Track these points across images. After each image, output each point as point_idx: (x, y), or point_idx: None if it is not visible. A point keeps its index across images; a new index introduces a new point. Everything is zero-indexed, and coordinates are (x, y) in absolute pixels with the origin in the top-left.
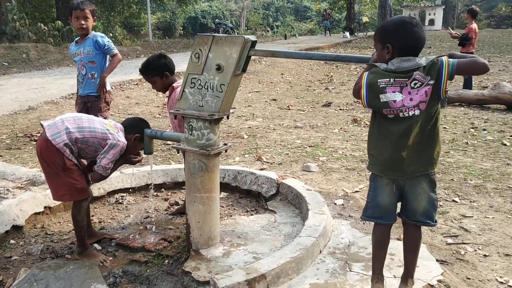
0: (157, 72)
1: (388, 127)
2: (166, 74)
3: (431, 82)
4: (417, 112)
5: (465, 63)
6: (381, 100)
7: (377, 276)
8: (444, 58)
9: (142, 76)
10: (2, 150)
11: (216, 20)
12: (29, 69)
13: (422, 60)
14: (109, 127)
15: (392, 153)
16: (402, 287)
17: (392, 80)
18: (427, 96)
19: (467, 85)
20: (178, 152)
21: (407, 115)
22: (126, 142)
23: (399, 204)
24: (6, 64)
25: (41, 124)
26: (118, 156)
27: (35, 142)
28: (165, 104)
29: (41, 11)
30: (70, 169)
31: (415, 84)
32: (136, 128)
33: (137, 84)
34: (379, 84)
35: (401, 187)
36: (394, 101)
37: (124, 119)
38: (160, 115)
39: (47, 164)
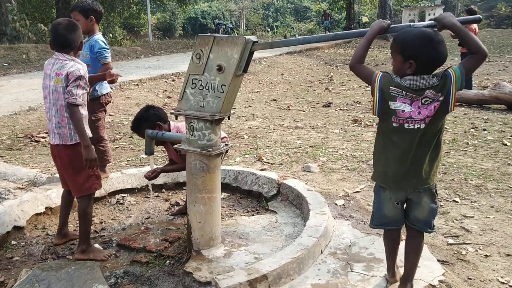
0: (148, 124)
1: (392, 139)
2: (158, 125)
3: (441, 98)
4: (422, 126)
5: (469, 64)
6: (390, 107)
7: (392, 271)
8: (451, 72)
9: (136, 134)
10: (3, 150)
11: (216, 20)
12: (29, 69)
13: (435, 79)
14: (56, 81)
15: (396, 166)
16: None
17: (404, 92)
18: (435, 111)
19: (467, 85)
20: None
21: (412, 127)
22: (81, 64)
23: None
24: (6, 64)
25: (54, 144)
26: (83, 81)
27: (35, 143)
28: (165, 105)
29: (41, 12)
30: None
31: (425, 101)
32: (73, 40)
33: (137, 84)
34: (390, 91)
35: (404, 198)
36: (403, 111)
37: (124, 119)
38: None
39: (72, 161)
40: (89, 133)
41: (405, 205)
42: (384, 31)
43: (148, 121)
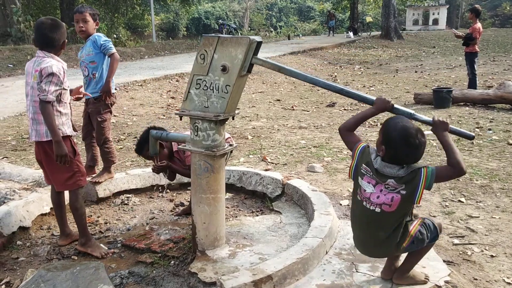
0: None
1: (355, 209)
2: (160, 144)
3: (403, 192)
4: (378, 209)
5: (443, 173)
6: (358, 181)
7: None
8: (423, 171)
9: (141, 156)
10: (8, 151)
11: (220, 21)
12: None
13: (402, 170)
14: (34, 77)
15: (357, 233)
16: (393, 279)
17: (372, 174)
18: (392, 201)
19: (472, 84)
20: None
21: (368, 207)
22: (59, 62)
23: None
24: (11, 65)
25: (35, 141)
26: (55, 77)
27: None
28: (169, 105)
29: (46, 13)
30: (79, 154)
31: (387, 187)
32: (55, 39)
33: (141, 85)
34: (361, 169)
35: None
36: (365, 190)
37: (129, 120)
38: (164, 116)
39: (52, 157)
40: (65, 130)
41: None
42: (386, 110)
43: None
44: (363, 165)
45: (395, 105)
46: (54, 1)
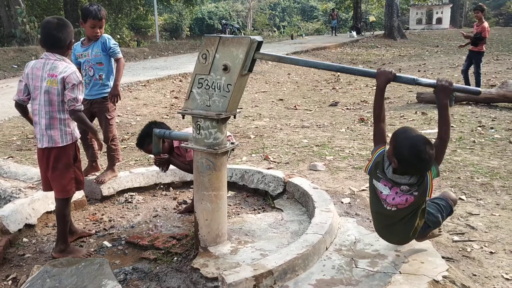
0: (151, 139)
1: (375, 204)
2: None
3: (415, 193)
4: (394, 209)
5: (439, 155)
6: (373, 182)
7: None
8: (428, 175)
9: (142, 150)
10: (14, 151)
11: (223, 21)
12: None
13: (413, 178)
14: (50, 82)
15: (376, 225)
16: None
17: (387, 178)
18: (407, 202)
19: (476, 83)
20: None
21: (385, 207)
22: (73, 65)
23: None
24: (16, 66)
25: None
26: (82, 85)
27: None
28: (172, 105)
29: (50, 14)
30: (80, 161)
31: (401, 190)
32: (62, 39)
33: (144, 85)
34: (377, 172)
35: None
36: (381, 192)
37: (132, 120)
38: (167, 115)
39: (58, 162)
40: (76, 134)
41: None
42: (390, 81)
43: (151, 136)
44: (378, 170)
45: (397, 74)
46: (58, 2)
